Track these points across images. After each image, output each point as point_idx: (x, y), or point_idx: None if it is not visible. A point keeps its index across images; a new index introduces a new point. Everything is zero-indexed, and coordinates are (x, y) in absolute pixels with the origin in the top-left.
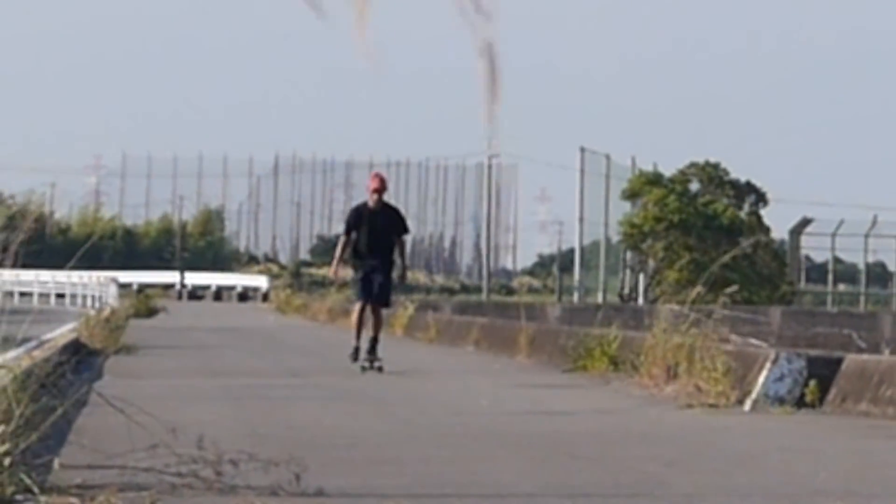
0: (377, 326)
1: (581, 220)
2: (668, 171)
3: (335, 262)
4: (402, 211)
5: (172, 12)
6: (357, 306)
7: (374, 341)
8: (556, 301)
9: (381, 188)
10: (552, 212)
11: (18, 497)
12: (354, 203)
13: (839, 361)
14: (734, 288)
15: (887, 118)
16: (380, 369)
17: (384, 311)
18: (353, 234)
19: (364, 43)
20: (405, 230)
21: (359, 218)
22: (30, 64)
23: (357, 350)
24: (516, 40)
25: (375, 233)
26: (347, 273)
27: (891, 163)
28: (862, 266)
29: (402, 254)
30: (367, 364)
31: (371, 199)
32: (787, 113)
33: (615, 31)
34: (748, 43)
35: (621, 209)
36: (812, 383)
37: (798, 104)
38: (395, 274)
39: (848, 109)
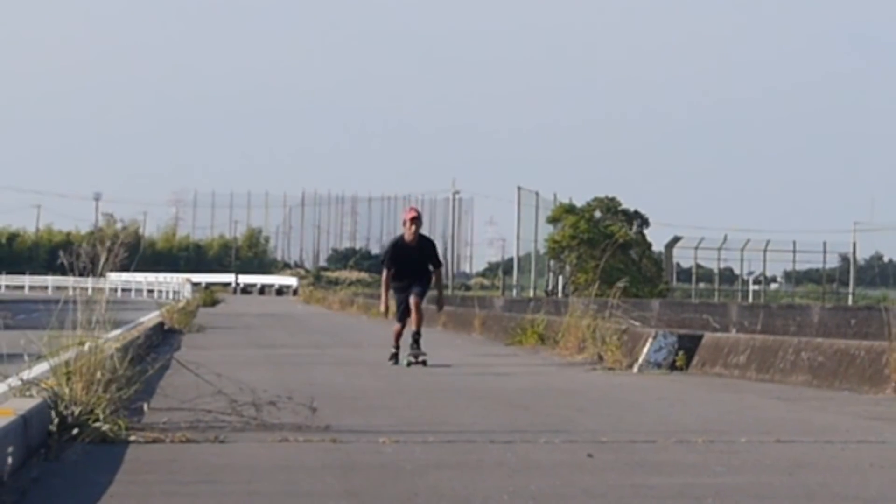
0: (419, 322)
1: (518, 237)
2: (579, 202)
3: (384, 298)
4: (434, 241)
5: (227, 91)
6: (397, 327)
7: (417, 335)
8: (500, 295)
9: (418, 221)
10: (498, 232)
11: (121, 433)
12: (393, 238)
13: (700, 338)
14: (624, 280)
15: (732, 166)
16: (424, 363)
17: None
18: (392, 269)
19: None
20: (440, 262)
21: (397, 252)
22: (128, 121)
23: (396, 354)
24: (475, 106)
25: (412, 265)
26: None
27: (735, 198)
28: (716, 270)
29: (438, 284)
30: (412, 359)
31: (408, 233)
32: (664, 161)
33: (539, 101)
34: (636, 109)
35: (546, 230)
36: (681, 353)
37: (671, 155)
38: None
39: (705, 161)
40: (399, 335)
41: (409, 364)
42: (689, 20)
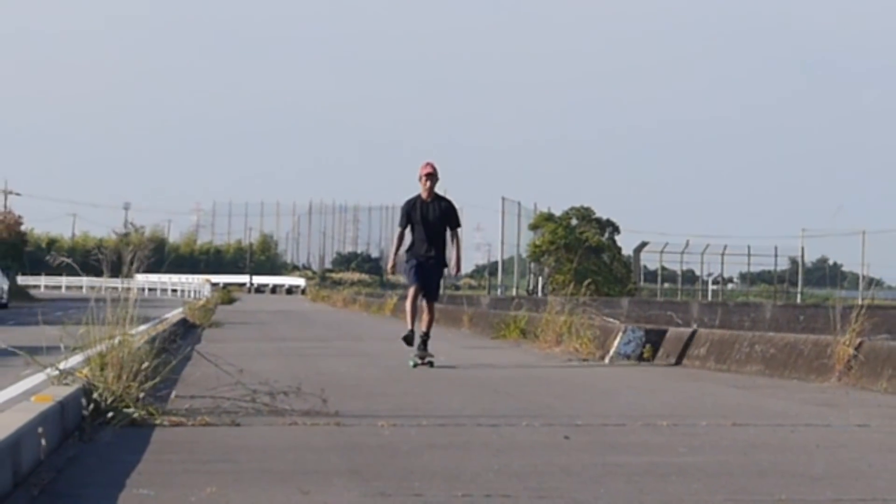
0: (429, 323)
1: (502, 242)
2: (557, 211)
3: (391, 257)
4: (455, 203)
5: (243, 112)
6: (411, 291)
7: (426, 337)
8: (486, 294)
9: (433, 177)
10: (484, 237)
11: (148, 418)
12: (407, 197)
13: (665, 332)
14: (594, 278)
15: (694, 179)
16: (430, 364)
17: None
18: (408, 227)
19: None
20: (458, 223)
21: (413, 210)
22: (155, 139)
23: (412, 333)
24: (464, 125)
25: (430, 225)
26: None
27: (696, 207)
28: (679, 272)
29: (457, 246)
30: (418, 360)
31: (423, 189)
32: (633, 175)
33: (522, 121)
34: (608, 128)
35: (528, 236)
36: (648, 346)
37: (640, 170)
38: (451, 265)
39: (669, 175)
40: (414, 307)
41: (414, 365)
42: (654, 50)
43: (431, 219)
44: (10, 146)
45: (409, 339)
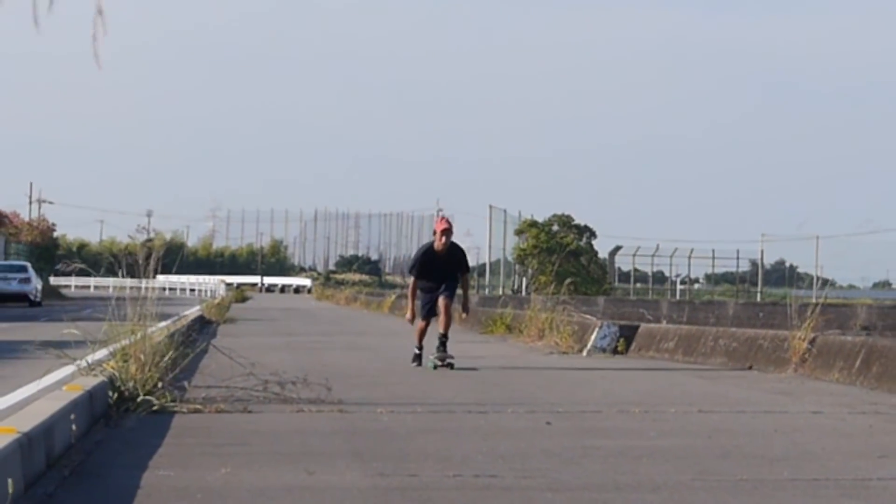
0: (447, 324)
1: (490, 246)
2: (540, 218)
3: (410, 308)
4: (464, 249)
5: (254, 126)
6: (421, 324)
7: (444, 338)
8: (475, 293)
9: (448, 233)
10: (473, 242)
11: (168, 405)
12: (422, 246)
13: (637, 327)
14: (573, 279)
15: (664, 188)
16: (450, 366)
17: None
18: (423, 277)
19: None
20: (468, 268)
21: (427, 261)
22: (175, 152)
23: (419, 355)
24: (455, 139)
25: (441, 272)
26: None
27: (666, 214)
28: (650, 273)
29: (465, 287)
30: (438, 361)
31: (438, 242)
32: (609, 185)
33: (508, 136)
34: (586, 142)
35: (513, 240)
36: (622, 340)
37: (615, 180)
38: (458, 304)
39: (642, 185)
40: (423, 334)
41: (434, 367)
42: (627, 73)
43: (443, 266)
44: (45, 159)
45: (418, 360)
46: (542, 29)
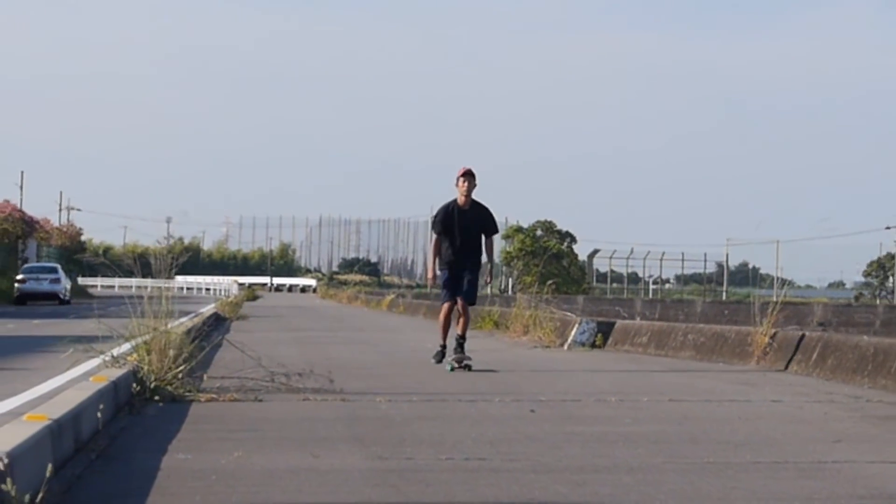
0: (465, 325)
1: None
2: (525, 224)
3: (431, 266)
4: (490, 209)
5: (264, 139)
6: (444, 307)
7: (462, 339)
8: None
9: (471, 177)
10: None
11: (186, 395)
12: (445, 204)
13: (613, 324)
14: (554, 280)
15: (638, 196)
16: (468, 367)
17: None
18: (444, 235)
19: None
20: (495, 229)
21: (449, 218)
22: (191, 162)
23: (444, 350)
24: (448, 150)
25: (466, 232)
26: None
27: (640, 220)
28: (625, 274)
29: (489, 253)
30: (455, 364)
31: (461, 194)
32: (589, 193)
33: (495, 146)
34: (567, 153)
35: (500, 244)
36: (599, 335)
37: (594, 188)
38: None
39: (618, 193)
40: (447, 322)
41: (451, 369)
42: (604, 90)
43: (467, 226)
44: (73, 170)
45: (440, 356)
46: (526, 50)
